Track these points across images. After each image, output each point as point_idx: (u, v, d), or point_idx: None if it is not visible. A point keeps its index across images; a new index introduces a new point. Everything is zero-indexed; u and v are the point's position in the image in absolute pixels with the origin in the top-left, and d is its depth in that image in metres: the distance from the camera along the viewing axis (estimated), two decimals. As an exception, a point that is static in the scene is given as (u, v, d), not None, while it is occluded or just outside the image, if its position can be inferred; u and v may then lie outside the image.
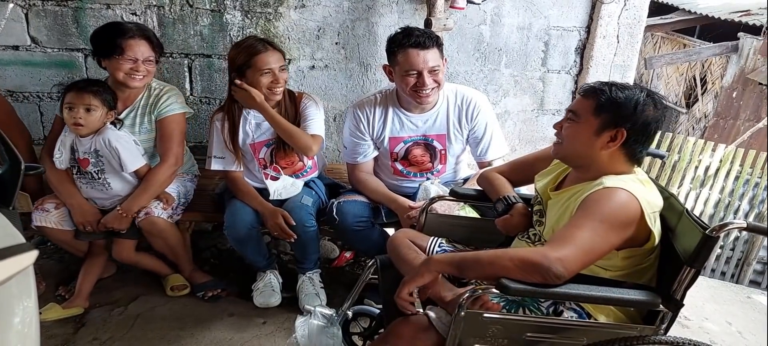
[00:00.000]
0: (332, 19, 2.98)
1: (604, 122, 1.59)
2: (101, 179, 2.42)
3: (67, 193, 2.42)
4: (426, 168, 2.58)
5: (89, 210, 2.44)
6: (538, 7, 3.12)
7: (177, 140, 2.50)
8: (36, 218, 2.41)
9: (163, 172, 2.46)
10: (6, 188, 1.54)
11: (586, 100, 1.62)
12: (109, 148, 2.36)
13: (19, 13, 2.77)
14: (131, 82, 2.37)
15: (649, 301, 1.51)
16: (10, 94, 2.93)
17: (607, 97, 1.58)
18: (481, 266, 1.48)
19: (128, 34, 2.33)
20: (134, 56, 2.34)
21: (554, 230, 1.66)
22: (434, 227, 2.07)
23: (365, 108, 2.51)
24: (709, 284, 3.56)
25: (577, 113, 1.63)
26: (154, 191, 2.46)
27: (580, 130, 1.62)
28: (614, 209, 1.49)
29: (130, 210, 2.42)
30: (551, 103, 3.39)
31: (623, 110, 1.57)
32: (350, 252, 3.12)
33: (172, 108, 2.49)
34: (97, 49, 2.39)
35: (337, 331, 2.07)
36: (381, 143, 2.54)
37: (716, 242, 1.49)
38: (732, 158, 5.38)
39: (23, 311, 1.16)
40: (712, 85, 9.14)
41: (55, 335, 2.39)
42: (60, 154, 2.38)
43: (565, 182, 1.78)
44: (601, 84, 1.63)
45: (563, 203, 1.66)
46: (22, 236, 1.39)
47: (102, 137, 2.36)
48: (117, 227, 2.44)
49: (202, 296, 2.67)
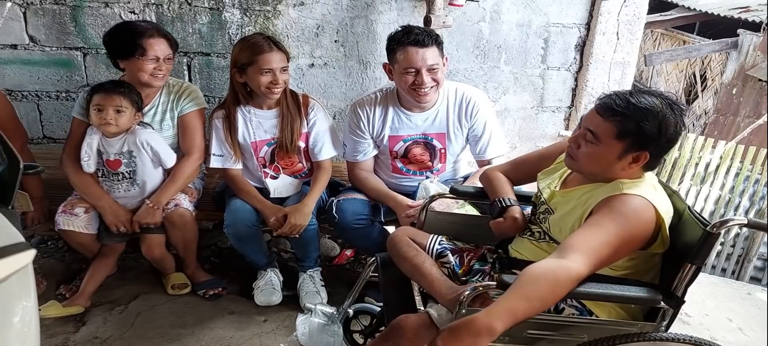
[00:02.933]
0: (331, 17, 2.97)
1: (627, 146, 1.54)
2: (133, 178, 2.43)
3: (96, 196, 2.42)
4: (426, 166, 2.58)
5: (121, 211, 2.44)
6: (537, 4, 3.12)
7: (200, 135, 2.55)
8: (62, 221, 2.40)
9: (190, 165, 2.51)
10: (5, 187, 1.54)
11: (606, 123, 1.54)
12: (146, 146, 2.39)
13: (17, 11, 2.76)
14: (155, 81, 2.39)
15: (650, 298, 1.51)
16: (9, 93, 2.92)
17: (632, 123, 1.50)
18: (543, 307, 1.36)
19: (148, 34, 2.33)
20: (155, 55, 2.34)
21: (562, 227, 1.65)
22: (434, 225, 2.07)
23: (365, 106, 2.50)
24: (709, 281, 3.55)
25: (597, 136, 1.55)
26: (182, 184, 2.50)
27: (601, 154, 1.56)
28: (633, 217, 1.48)
29: (160, 203, 2.44)
30: (551, 101, 3.39)
31: (648, 134, 1.51)
32: (351, 250, 3.12)
33: (193, 104, 2.53)
34: (115, 50, 2.39)
35: (337, 329, 2.07)
36: (381, 142, 2.54)
37: (717, 238, 1.49)
38: (732, 155, 5.38)
39: (23, 310, 1.16)
40: (712, 81, 9.13)
41: (56, 333, 2.38)
42: (88, 157, 2.37)
43: (571, 178, 1.77)
44: (620, 100, 1.53)
45: (575, 200, 1.65)
46: (21, 235, 1.38)
47: (136, 138, 2.38)
48: (150, 221, 2.44)
49: (203, 295, 2.67)
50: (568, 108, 3.42)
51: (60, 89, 2.95)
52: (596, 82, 3.29)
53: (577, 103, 3.37)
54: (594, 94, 3.30)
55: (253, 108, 2.49)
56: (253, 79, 2.37)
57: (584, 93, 3.30)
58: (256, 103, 2.49)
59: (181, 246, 2.61)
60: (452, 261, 1.88)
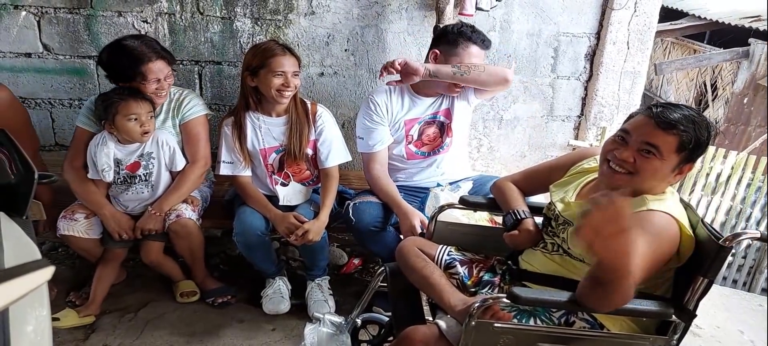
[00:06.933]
0: (342, 26, 2.99)
1: (683, 159, 1.55)
2: (149, 180, 2.46)
3: (97, 204, 2.43)
4: (436, 145, 2.64)
5: (123, 218, 2.45)
6: (547, 14, 3.11)
7: (204, 142, 2.55)
8: (62, 226, 2.41)
9: (195, 172, 2.51)
10: (19, 197, 1.55)
11: (668, 136, 1.52)
12: (165, 147, 2.43)
13: (31, 20, 2.79)
14: (157, 99, 2.42)
15: (662, 311, 1.50)
16: (22, 101, 2.95)
17: (691, 135, 1.52)
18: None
19: (146, 59, 2.32)
20: (157, 77, 2.36)
21: None
22: (443, 235, 2.07)
23: (382, 94, 2.58)
24: (721, 293, 3.52)
25: (659, 150, 1.53)
26: (186, 191, 2.51)
27: (662, 168, 1.55)
28: (660, 234, 1.47)
29: (162, 210, 2.45)
30: (561, 110, 3.38)
31: (702, 145, 1.54)
32: (359, 259, 3.12)
33: (195, 110, 2.53)
34: (115, 76, 2.39)
35: (346, 338, 2.07)
36: (397, 128, 2.59)
37: (729, 252, 1.48)
38: (743, 165, 5.34)
39: (36, 319, 1.17)
40: (723, 90, 9.07)
41: (66, 340, 2.40)
42: (108, 168, 2.38)
43: (586, 190, 1.76)
44: (675, 112, 1.54)
45: None
46: (35, 244, 1.40)
47: (155, 139, 2.42)
48: (153, 228, 2.45)
49: (212, 303, 2.67)
50: (578, 117, 3.41)
51: (73, 97, 2.97)
52: (606, 92, 3.28)
53: (587, 113, 3.36)
54: (604, 104, 3.29)
55: (262, 115, 2.50)
56: (264, 81, 2.38)
57: (594, 102, 3.29)
58: (266, 111, 2.50)
59: (187, 255, 2.62)
60: (461, 272, 1.87)
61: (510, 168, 3.43)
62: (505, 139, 3.39)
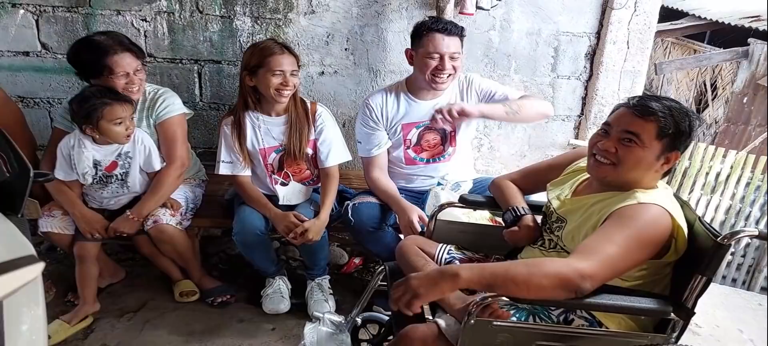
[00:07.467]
0: (341, 26, 2.98)
1: (665, 147, 1.56)
2: (125, 180, 2.44)
3: (68, 203, 2.41)
4: (438, 152, 2.60)
5: (93, 218, 2.42)
6: (547, 13, 3.11)
7: (180, 142, 2.51)
8: (42, 223, 2.41)
9: (171, 174, 2.48)
10: (15, 195, 1.54)
11: (647, 123, 1.54)
12: (140, 145, 2.41)
13: (29, 19, 2.79)
14: (130, 96, 2.37)
15: (661, 309, 1.49)
16: (21, 100, 2.95)
17: (670, 121, 1.54)
18: (515, 285, 1.38)
19: (111, 52, 2.29)
20: (124, 71, 2.32)
21: (575, 235, 1.64)
22: (443, 234, 2.07)
23: (377, 98, 2.55)
24: (720, 291, 3.52)
25: (640, 137, 1.55)
26: (164, 194, 2.47)
27: (644, 156, 1.56)
28: (649, 226, 1.47)
29: (141, 215, 2.43)
30: (561, 109, 3.37)
31: (684, 133, 1.55)
32: (359, 258, 3.12)
33: (170, 110, 2.48)
34: (83, 71, 2.37)
35: (346, 338, 2.06)
36: (395, 132, 2.56)
37: (727, 249, 1.48)
38: (743, 164, 5.34)
39: (31, 319, 1.16)
40: (723, 90, 9.07)
41: (65, 340, 2.39)
42: (92, 171, 2.37)
43: (582, 187, 1.76)
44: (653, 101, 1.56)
45: (587, 208, 1.64)
46: (30, 243, 1.39)
47: (132, 137, 2.39)
48: (127, 231, 2.43)
49: (211, 302, 2.67)
50: (578, 117, 3.41)
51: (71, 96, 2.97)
52: (606, 91, 3.27)
53: (587, 112, 3.35)
54: (604, 103, 3.29)
55: (261, 115, 2.50)
56: (263, 81, 2.37)
57: (594, 102, 3.29)
58: (265, 110, 2.50)
59: (176, 258, 2.63)
60: (461, 271, 1.87)
61: (510, 168, 3.42)
62: (505, 138, 3.39)
